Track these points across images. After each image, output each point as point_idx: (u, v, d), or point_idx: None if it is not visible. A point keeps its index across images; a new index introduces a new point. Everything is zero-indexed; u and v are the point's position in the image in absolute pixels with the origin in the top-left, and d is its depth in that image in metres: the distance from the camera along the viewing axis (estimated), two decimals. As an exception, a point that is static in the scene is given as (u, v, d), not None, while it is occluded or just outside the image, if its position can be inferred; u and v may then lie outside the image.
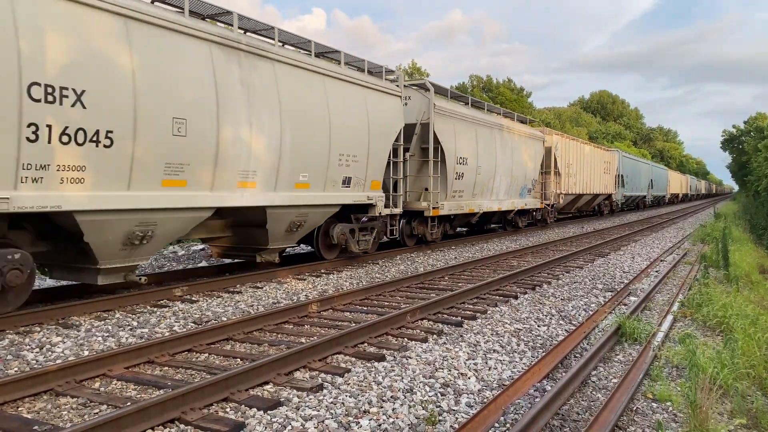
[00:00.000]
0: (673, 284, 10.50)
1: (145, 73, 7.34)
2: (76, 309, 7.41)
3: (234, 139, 8.63)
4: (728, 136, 78.97)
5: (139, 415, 3.99)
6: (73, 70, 6.60)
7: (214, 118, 8.28)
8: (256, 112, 8.98)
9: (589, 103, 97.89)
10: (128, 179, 7.30)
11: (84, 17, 6.74)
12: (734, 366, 5.45)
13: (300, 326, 7.12)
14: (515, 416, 4.41)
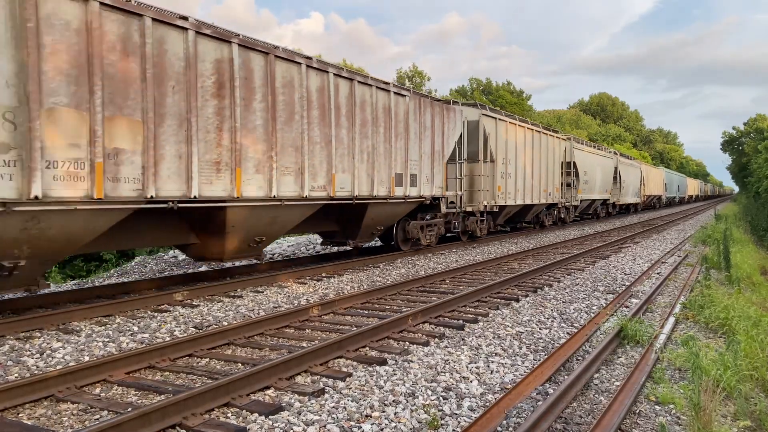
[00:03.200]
0: (675, 286, 10.48)
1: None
2: (76, 314, 7.40)
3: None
4: (728, 138, 79.04)
5: (140, 420, 3.98)
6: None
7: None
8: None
9: (589, 105, 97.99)
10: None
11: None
12: (737, 368, 5.43)
13: (301, 330, 7.11)
14: (518, 420, 4.39)
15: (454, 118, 15.29)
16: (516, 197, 19.15)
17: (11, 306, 7.91)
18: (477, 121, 16.90)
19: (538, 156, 21.09)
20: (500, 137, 17.93)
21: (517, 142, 19.21)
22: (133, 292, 9.09)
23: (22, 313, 7.58)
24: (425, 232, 14.53)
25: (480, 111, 17.11)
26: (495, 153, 17.51)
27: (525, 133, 19.89)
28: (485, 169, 16.90)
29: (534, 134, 20.84)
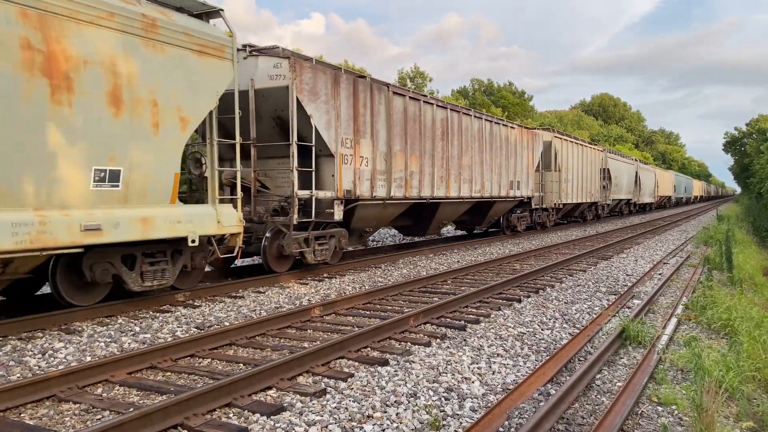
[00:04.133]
0: (677, 287, 10.47)
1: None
2: (78, 314, 7.40)
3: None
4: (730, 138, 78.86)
5: (141, 420, 3.98)
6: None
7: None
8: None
9: (590, 105, 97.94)
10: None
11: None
12: (739, 369, 5.43)
13: (303, 331, 7.11)
14: (520, 420, 4.39)
15: (538, 140, 21.24)
16: (572, 197, 24.69)
17: (14, 306, 7.91)
18: (550, 142, 22.63)
19: (586, 165, 26.77)
20: (563, 152, 23.61)
21: (573, 155, 24.90)
22: (135, 293, 9.08)
23: (24, 313, 7.59)
24: (520, 221, 20.71)
25: (552, 134, 23.40)
26: (561, 164, 23.13)
27: (577, 147, 25.68)
28: (554, 176, 22.60)
29: (583, 148, 26.68)
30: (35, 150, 6.35)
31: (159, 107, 7.57)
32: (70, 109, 6.65)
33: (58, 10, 6.43)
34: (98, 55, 6.87)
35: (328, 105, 10.61)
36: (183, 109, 7.87)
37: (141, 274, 7.79)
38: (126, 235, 7.16)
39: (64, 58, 6.55)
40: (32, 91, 6.29)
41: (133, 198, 7.35)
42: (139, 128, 7.35)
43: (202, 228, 8.17)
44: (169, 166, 7.78)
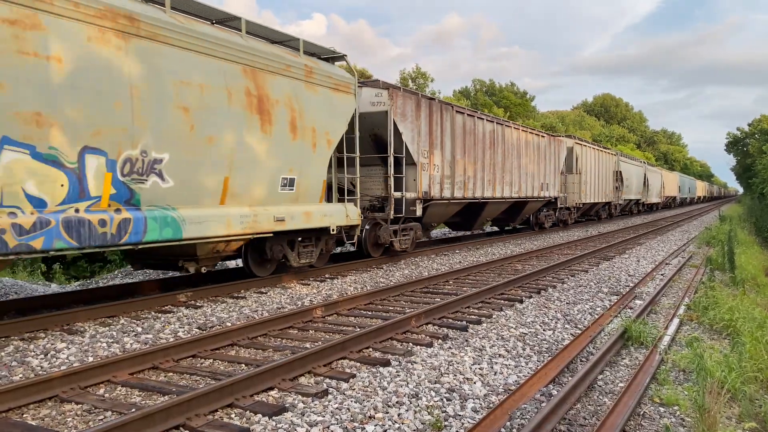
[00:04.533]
0: (679, 287, 10.45)
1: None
2: (80, 315, 7.42)
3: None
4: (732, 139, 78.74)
5: (143, 421, 3.98)
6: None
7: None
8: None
9: (592, 106, 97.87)
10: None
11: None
12: (742, 370, 5.41)
13: (304, 331, 7.11)
14: (522, 421, 4.38)
15: (562, 146, 23.74)
16: (589, 198, 27.15)
17: (16, 306, 7.94)
18: (571, 147, 24.94)
19: (601, 168, 29.15)
20: (583, 157, 25.97)
21: (591, 159, 27.32)
22: (137, 293, 9.11)
23: (26, 313, 7.61)
24: (547, 219, 23.23)
25: (573, 141, 25.86)
26: (580, 168, 25.48)
27: (594, 152, 28.06)
28: (575, 178, 24.88)
29: (599, 153, 29.05)
30: (253, 165, 9.01)
31: (315, 132, 10.19)
32: (271, 135, 9.28)
33: (262, 66, 9.10)
34: (283, 96, 9.51)
35: (413, 124, 13.30)
36: (329, 132, 10.54)
37: (298, 254, 10.40)
38: (297, 225, 9.85)
39: (266, 100, 9.18)
40: (252, 124, 8.93)
41: (301, 198, 10.06)
42: (305, 147, 10.00)
43: (338, 220, 10.82)
44: (321, 175, 10.47)
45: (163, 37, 7.61)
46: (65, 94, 6.59)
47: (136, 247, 7.39)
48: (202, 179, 8.27)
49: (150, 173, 7.53)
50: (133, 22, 7.25)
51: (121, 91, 7.16)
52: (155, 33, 7.53)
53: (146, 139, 7.44)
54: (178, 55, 7.80)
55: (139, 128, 7.37)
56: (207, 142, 8.25)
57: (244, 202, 8.90)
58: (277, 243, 9.91)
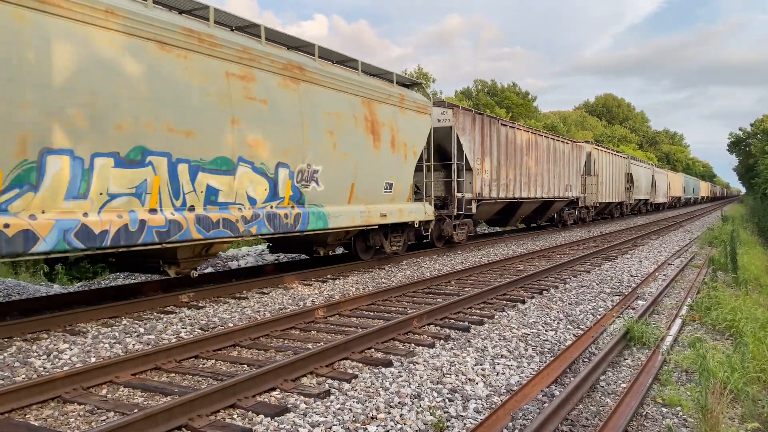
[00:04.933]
0: (681, 288, 10.44)
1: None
2: (82, 315, 7.43)
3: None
4: (735, 139, 78.66)
5: (146, 422, 3.99)
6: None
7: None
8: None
9: (594, 106, 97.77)
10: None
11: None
12: (744, 370, 5.40)
13: (306, 332, 7.11)
14: (524, 422, 4.38)
15: (582, 151, 26.31)
16: (605, 198, 29.77)
17: (19, 307, 7.95)
18: (590, 152, 27.35)
19: (615, 171, 31.91)
20: (599, 160, 28.62)
21: (606, 162, 29.94)
22: (140, 294, 9.12)
23: (29, 314, 7.62)
24: (569, 217, 25.84)
25: (592, 146, 28.27)
26: (597, 170, 28.01)
27: (608, 156, 30.80)
28: (593, 180, 27.43)
29: (613, 156, 31.93)
30: (369, 173, 11.61)
31: (406, 146, 12.84)
32: (379, 150, 11.87)
33: (374, 97, 11.72)
34: (386, 119, 12.15)
35: (470, 136, 16.00)
36: (414, 146, 13.19)
37: (390, 242, 13.21)
38: (394, 219, 12.49)
39: (377, 123, 11.81)
40: (368, 142, 11.54)
41: (396, 199, 12.68)
42: (400, 159, 12.64)
43: (419, 216, 13.47)
44: (408, 180, 13.14)
45: (316, 80, 10.21)
46: (270, 125, 9.20)
47: (303, 233, 10.03)
48: (339, 185, 10.89)
49: (311, 180, 10.20)
50: (302, 71, 9.87)
51: (297, 121, 9.76)
52: (313, 77, 10.13)
53: (310, 156, 10.08)
54: (324, 92, 10.43)
55: (306, 147, 9.97)
56: (343, 156, 10.84)
57: (362, 202, 11.51)
58: (377, 234, 12.83)
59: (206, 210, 8.20)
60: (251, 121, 8.81)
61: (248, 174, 8.84)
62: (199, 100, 8.04)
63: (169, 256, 8.50)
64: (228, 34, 8.71)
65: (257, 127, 8.94)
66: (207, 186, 8.21)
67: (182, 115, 7.80)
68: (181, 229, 7.77)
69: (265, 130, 9.08)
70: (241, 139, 8.63)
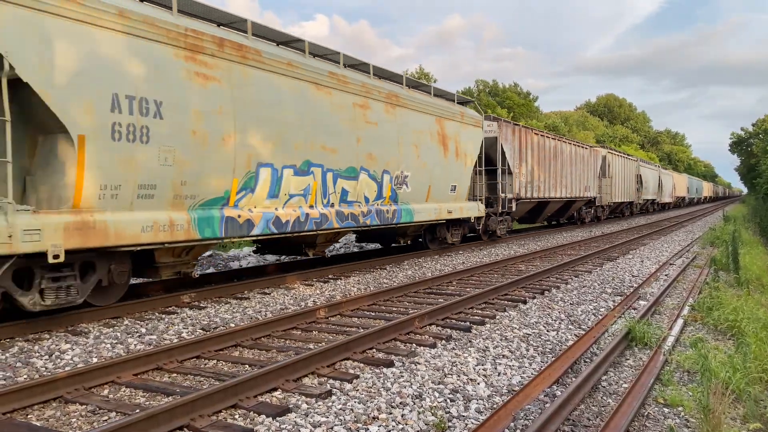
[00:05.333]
0: (683, 288, 10.43)
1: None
2: (84, 316, 7.43)
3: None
4: (736, 139, 78.60)
5: (148, 422, 3.99)
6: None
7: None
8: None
9: (595, 106, 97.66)
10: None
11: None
12: (746, 370, 5.39)
13: (308, 332, 7.11)
14: (525, 422, 4.38)
15: (599, 155, 29.22)
16: (617, 198, 32.48)
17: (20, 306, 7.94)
18: (604, 156, 30.05)
19: (626, 173, 34.58)
20: (612, 163, 31.23)
21: (618, 165, 32.67)
22: (141, 294, 9.12)
23: (30, 315, 7.61)
24: (587, 215, 28.68)
25: (606, 150, 31.22)
26: (611, 173, 30.72)
27: (620, 159, 33.62)
28: (607, 181, 30.12)
29: (625, 160, 34.68)
30: (440, 177, 14.36)
31: (465, 155, 15.58)
32: (447, 159, 14.63)
33: (443, 115, 14.51)
34: (452, 133, 14.90)
35: (511, 145, 18.85)
36: (471, 155, 15.94)
37: (451, 234, 15.79)
38: (456, 215, 15.22)
39: (445, 137, 14.55)
40: (439, 152, 14.29)
41: (458, 198, 15.44)
42: (461, 165, 15.39)
43: (474, 213, 16.18)
44: (467, 182, 15.87)
45: (406, 105, 13.05)
46: (378, 141, 11.96)
47: (397, 225, 12.96)
48: (421, 187, 13.65)
49: (403, 184, 12.97)
50: (397, 98, 12.73)
51: (395, 138, 12.64)
52: (404, 103, 12.99)
53: (403, 165, 12.92)
54: (411, 114, 13.25)
55: (401, 158, 12.80)
56: (423, 164, 13.67)
57: (435, 201, 14.29)
58: (443, 227, 15.56)
59: (341, 206, 11.02)
60: (368, 139, 11.62)
61: (366, 179, 11.67)
62: (338, 125, 10.85)
63: (310, 241, 11.41)
64: (352, 73, 11.47)
65: (371, 144, 11.73)
66: (342, 189, 11.06)
67: (329, 137, 10.59)
68: (328, 221, 10.60)
69: (376, 146, 11.88)
70: (362, 153, 11.48)
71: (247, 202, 8.97)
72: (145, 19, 7.41)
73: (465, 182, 15.65)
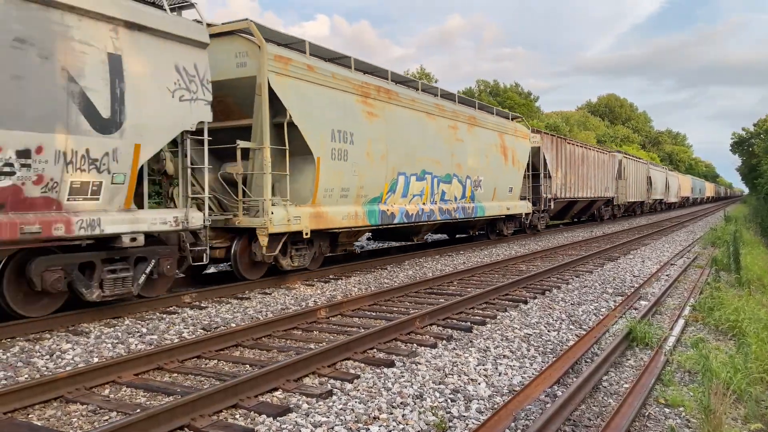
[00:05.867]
0: (684, 288, 10.42)
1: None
2: (85, 316, 7.44)
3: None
4: (737, 139, 78.52)
5: (148, 422, 3.99)
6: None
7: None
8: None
9: (596, 106, 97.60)
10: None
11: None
12: (747, 370, 5.39)
13: (309, 332, 7.11)
14: (526, 422, 4.38)
15: (616, 159, 32.65)
16: (631, 197, 36.04)
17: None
18: (621, 160, 33.51)
19: (638, 175, 38.15)
20: (627, 166, 34.75)
21: (632, 168, 36.17)
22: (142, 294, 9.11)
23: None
24: (605, 213, 31.94)
25: (622, 155, 34.84)
26: (626, 175, 34.25)
27: (633, 162, 37.15)
28: (623, 183, 33.76)
29: (637, 163, 38.47)
30: (502, 181, 17.83)
31: (519, 162, 19.16)
32: (506, 166, 18.11)
33: (503, 131, 17.95)
34: (510, 145, 18.37)
35: (550, 152, 22.48)
36: (522, 162, 19.52)
37: (506, 228, 19.28)
38: (512, 212, 18.80)
39: (505, 148, 18.05)
40: (501, 161, 17.82)
41: (513, 198, 18.96)
42: (516, 171, 18.97)
43: (524, 210, 19.76)
44: (520, 184, 19.37)
45: (481, 124, 16.63)
46: (463, 154, 15.56)
47: (473, 218, 16.38)
48: (489, 188, 17.15)
49: (478, 186, 16.48)
50: (475, 119, 16.36)
51: (473, 150, 16.26)
52: (479, 123, 16.63)
53: (478, 171, 16.45)
54: (484, 132, 16.85)
55: (477, 166, 16.40)
56: (491, 170, 17.17)
57: (497, 200, 17.84)
58: (501, 221, 19.10)
59: (441, 204, 14.64)
60: (457, 153, 15.24)
61: (456, 183, 15.33)
62: (440, 143, 14.52)
63: (417, 230, 15.15)
64: (445, 102, 15.06)
65: (459, 156, 15.36)
66: (442, 191, 14.70)
67: (435, 152, 14.25)
68: (434, 215, 14.22)
69: (462, 157, 15.51)
70: (453, 163, 15.12)
71: (391, 199, 12.64)
72: (344, 78, 11.09)
73: (518, 184, 19.28)
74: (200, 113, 8.25)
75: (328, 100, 10.56)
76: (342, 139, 10.83)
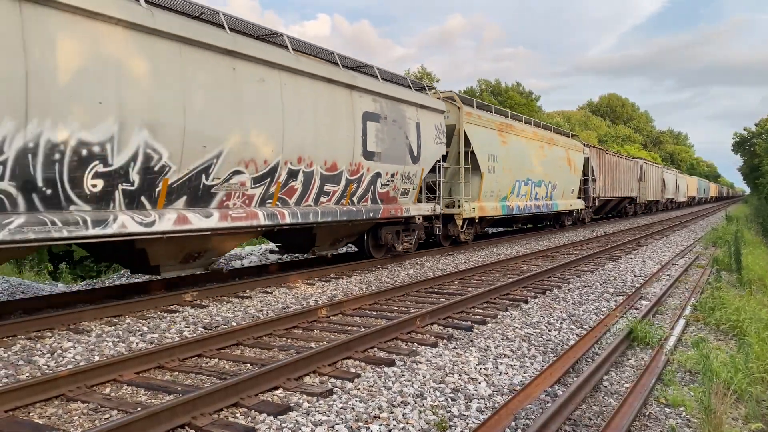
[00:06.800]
0: (685, 288, 10.41)
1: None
2: (86, 314, 7.45)
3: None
4: (739, 139, 78.42)
5: (149, 420, 4.00)
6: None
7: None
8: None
9: (598, 106, 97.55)
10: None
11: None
12: (748, 370, 5.39)
13: (309, 331, 7.12)
14: (526, 421, 4.38)
15: (638, 164, 36.99)
16: (649, 197, 40.47)
17: (22, 306, 7.98)
18: (641, 165, 38.07)
19: (655, 177, 43.17)
20: (646, 170, 39.11)
21: (650, 171, 41.10)
22: (143, 293, 9.14)
23: (33, 313, 7.65)
24: (629, 210, 37.02)
25: (642, 161, 39.56)
26: (646, 178, 38.82)
27: (651, 167, 42.33)
28: (643, 184, 38.40)
29: (653, 167, 43.75)
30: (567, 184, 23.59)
31: (578, 170, 24.50)
32: (571, 173, 23.77)
33: (567, 147, 23.38)
34: (572, 157, 23.81)
35: (595, 161, 27.34)
36: (579, 169, 24.73)
37: (566, 220, 25.02)
38: (574, 207, 24.61)
39: (570, 160, 23.52)
40: (566, 170, 23.22)
41: (573, 197, 24.42)
42: (576, 177, 24.41)
43: (580, 206, 25.10)
44: (576, 186, 24.57)
45: (555, 143, 22.01)
46: (546, 166, 20.86)
47: (552, 212, 22.17)
48: (559, 190, 22.11)
49: (555, 188, 21.76)
50: (552, 140, 21.65)
51: (552, 163, 21.34)
52: (554, 142, 21.76)
53: (554, 178, 21.67)
54: (557, 148, 22.12)
55: (554, 174, 21.53)
56: (562, 177, 22.27)
57: (564, 198, 22.89)
58: (564, 215, 24.29)
59: (534, 201, 19.76)
60: (544, 164, 20.48)
61: (543, 187, 20.53)
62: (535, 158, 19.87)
63: (519, 220, 21.24)
64: (537, 129, 20.46)
65: (545, 167, 20.61)
66: (536, 192, 19.85)
67: (533, 165, 19.59)
68: (531, 209, 19.56)
69: (546, 168, 20.76)
70: (542, 172, 20.29)
71: (511, 198, 18.13)
72: (491, 119, 17.04)
73: (576, 187, 24.48)
74: (442, 150, 14.26)
75: (486, 135, 16.47)
76: (492, 159, 16.62)
